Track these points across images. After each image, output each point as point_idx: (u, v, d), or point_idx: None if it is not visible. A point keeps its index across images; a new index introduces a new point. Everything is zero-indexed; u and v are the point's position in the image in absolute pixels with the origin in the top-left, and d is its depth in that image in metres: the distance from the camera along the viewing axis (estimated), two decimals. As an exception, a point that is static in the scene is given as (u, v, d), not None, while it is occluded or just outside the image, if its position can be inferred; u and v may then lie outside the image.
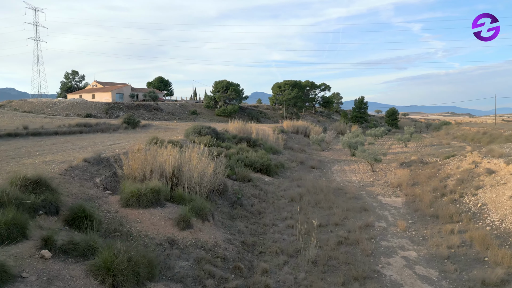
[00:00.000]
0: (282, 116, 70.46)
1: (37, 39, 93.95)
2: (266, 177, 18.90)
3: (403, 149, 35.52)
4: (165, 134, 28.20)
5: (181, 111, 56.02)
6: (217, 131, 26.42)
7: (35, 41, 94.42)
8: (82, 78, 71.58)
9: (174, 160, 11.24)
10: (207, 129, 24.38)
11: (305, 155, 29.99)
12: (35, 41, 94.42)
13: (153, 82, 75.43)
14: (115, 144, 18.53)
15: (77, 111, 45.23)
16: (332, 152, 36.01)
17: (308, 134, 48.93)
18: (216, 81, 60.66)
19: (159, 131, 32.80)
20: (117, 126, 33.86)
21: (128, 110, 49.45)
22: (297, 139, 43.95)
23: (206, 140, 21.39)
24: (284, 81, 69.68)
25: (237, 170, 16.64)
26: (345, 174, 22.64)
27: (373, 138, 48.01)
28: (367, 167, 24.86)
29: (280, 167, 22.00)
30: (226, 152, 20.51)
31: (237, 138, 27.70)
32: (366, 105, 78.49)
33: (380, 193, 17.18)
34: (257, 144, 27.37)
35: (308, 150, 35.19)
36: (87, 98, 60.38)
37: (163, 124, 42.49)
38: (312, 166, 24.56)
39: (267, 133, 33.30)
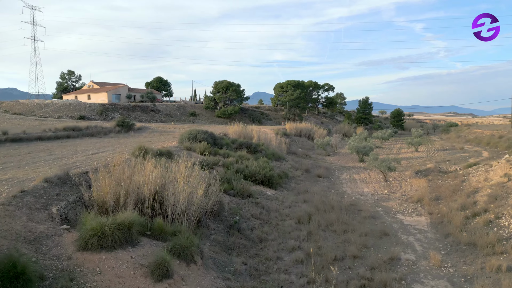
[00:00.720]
0: (285, 117, 68.33)
1: (35, 39, 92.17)
2: (268, 190, 16.77)
3: (414, 154, 33.33)
4: (159, 139, 26.14)
5: (179, 113, 53.94)
6: (215, 136, 24.32)
7: (33, 40, 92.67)
8: (79, 78, 69.58)
9: (155, 180, 9.13)
10: (203, 134, 22.27)
11: (310, 162, 27.84)
12: (33, 40, 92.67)
13: (152, 82, 73.35)
14: (98, 153, 16.45)
15: (70, 113, 43.21)
16: (338, 157, 33.84)
17: (312, 137, 46.80)
18: (216, 81, 58.59)
19: (153, 135, 30.75)
20: (109, 129, 31.80)
21: (124, 111, 47.42)
22: (300, 142, 41.82)
23: (202, 148, 19.29)
24: (287, 81, 67.48)
25: (235, 184, 14.52)
26: (355, 185, 20.48)
27: (380, 141, 45.83)
28: (379, 175, 22.71)
29: (284, 177, 19.87)
30: (224, 161, 18.41)
31: (237, 143, 25.59)
32: (370, 106, 76.23)
33: (399, 210, 15.02)
34: (258, 150, 25.26)
35: (312, 155, 33.03)
36: (83, 99, 58.39)
37: (159, 127, 40.43)
38: (318, 175, 22.41)
39: (269, 136, 31.18)
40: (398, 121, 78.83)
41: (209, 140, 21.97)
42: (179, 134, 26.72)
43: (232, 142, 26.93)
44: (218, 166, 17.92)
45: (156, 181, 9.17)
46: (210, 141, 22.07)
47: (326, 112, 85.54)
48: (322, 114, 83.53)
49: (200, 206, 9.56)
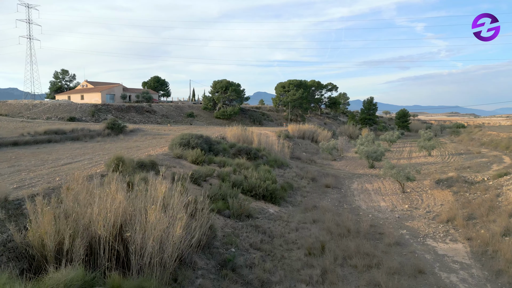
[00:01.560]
0: (286, 118, 65.87)
1: (30, 37, 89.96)
2: (271, 207, 14.30)
3: (427, 159, 30.82)
4: (150, 143, 23.71)
5: (176, 114, 51.48)
6: (211, 140, 21.87)
7: (28, 39, 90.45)
8: (73, 77, 67.11)
9: (118, 212, 6.67)
10: (197, 139, 19.81)
11: (316, 168, 25.36)
12: (28, 39, 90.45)
13: (149, 81, 70.86)
14: (72, 163, 14.01)
15: (59, 114, 40.79)
16: (346, 161, 31.36)
17: (315, 139, 44.36)
18: (215, 81, 56.07)
19: (145, 138, 28.31)
20: (97, 132, 29.39)
21: (118, 112, 45.00)
22: (304, 145, 39.36)
23: (194, 155, 16.84)
24: (289, 81, 64.97)
25: (231, 202, 12.05)
26: (369, 197, 18.00)
27: (388, 143, 43.33)
28: (394, 185, 20.26)
29: (288, 188, 17.40)
30: (219, 171, 15.94)
31: (235, 148, 23.13)
32: (375, 106, 73.68)
33: (428, 233, 12.53)
34: (259, 155, 22.80)
35: (318, 160, 30.56)
36: (76, 99, 56.00)
37: (154, 129, 38.01)
38: (326, 185, 19.92)
39: (271, 140, 28.73)
40: (403, 122, 76.27)
41: (203, 146, 19.52)
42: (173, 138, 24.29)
43: (230, 147, 24.50)
44: (212, 178, 15.48)
45: (119, 213, 6.71)
46: (204, 147, 19.62)
47: (329, 112, 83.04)
48: (325, 114, 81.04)
49: (181, 244, 7.10)
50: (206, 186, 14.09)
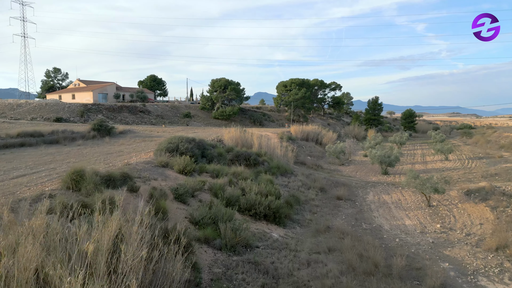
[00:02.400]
0: (288, 118, 63.10)
1: (25, 35, 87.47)
2: (274, 230, 11.52)
3: (444, 164, 28.00)
4: (136, 148, 20.96)
5: (172, 114, 48.72)
6: (204, 145, 19.09)
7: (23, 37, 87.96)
8: (65, 76, 64.30)
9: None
10: (188, 143, 17.03)
11: (323, 175, 22.58)
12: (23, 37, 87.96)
13: (145, 80, 68.07)
14: (27, 175, 11.24)
15: (45, 114, 38.06)
16: (355, 166, 28.56)
17: (320, 141, 41.58)
18: (213, 79, 53.22)
19: (134, 141, 25.56)
20: (82, 134, 26.64)
21: (109, 112, 42.26)
22: (308, 148, 36.59)
23: (182, 163, 14.05)
24: (290, 80, 62.12)
25: (223, 228, 9.28)
26: (390, 213, 15.21)
27: (397, 145, 40.53)
28: (415, 196, 17.49)
29: (295, 203, 14.61)
30: (212, 183, 13.17)
31: (232, 153, 20.37)
32: (380, 106, 70.84)
33: (478, 267, 9.74)
34: (259, 162, 20.03)
35: (324, 165, 27.77)
36: (67, 99, 53.29)
37: (146, 130, 35.27)
38: (338, 197, 17.13)
39: (273, 143, 25.94)
40: (409, 122, 73.42)
41: (194, 152, 16.74)
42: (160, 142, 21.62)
43: (227, 151, 21.75)
44: (203, 192, 12.72)
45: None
46: (196, 153, 16.85)
47: (332, 113, 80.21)
48: (328, 115, 78.25)
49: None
50: (193, 204, 11.34)
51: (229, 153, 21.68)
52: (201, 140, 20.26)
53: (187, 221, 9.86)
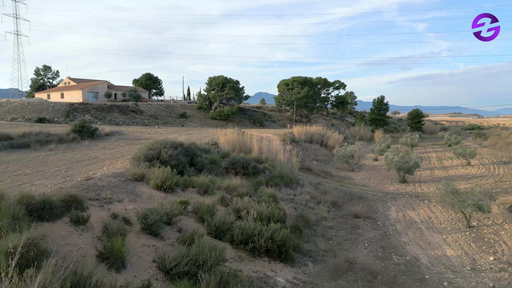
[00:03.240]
0: (290, 119, 60.08)
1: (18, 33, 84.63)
2: (279, 271, 8.48)
3: (467, 169, 24.93)
4: (116, 153, 17.94)
5: (166, 114, 45.68)
6: (194, 150, 16.04)
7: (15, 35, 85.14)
8: (56, 74, 61.29)
9: None
10: (173, 149, 13.99)
11: (333, 185, 19.57)
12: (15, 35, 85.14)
13: (140, 79, 65.00)
14: None
15: (27, 114, 35.06)
16: (366, 172, 25.52)
17: (325, 143, 38.56)
18: (211, 77, 50.13)
19: (118, 144, 22.56)
20: (60, 136, 23.62)
21: (98, 112, 39.25)
22: (313, 151, 33.57)
23: (161, 177, 11.00)
24: (292, 78, 59.03)
25: (206, 281, 6.25)
26: (423, 237, 12.17)
27: (409, 148, 37.48)
28: (448, 213, 14.48)
29: (304, 226, 11.54)
30: (198, 204, 10.14)
31: (228, 159, 17.37)
32: (386, 106, 67.76)
33: None
34: (259, 170, 16.99)
35: (332, 171, 24.73)
36: (56, 98, 50.31)
37: (137, 131, 32.28)
38: (355, 214, 14.09)
39: (274, 146, 22.90)
40: (416, 123, 70.32)
41: (180, 160, 13.70)
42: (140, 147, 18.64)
43: (222, 157, 18.80)
44: (185, 216, 9.71)
45: None
46: (182, 161, 13.81)
47: (335, 112, 77.16)
48: (331, 115, 75.20)
49: None
50: (169, 236, 8.32)
51: (225, 159, 18.72)
52: (191, 145, 17.27)
53: (155, 268, 6.84)
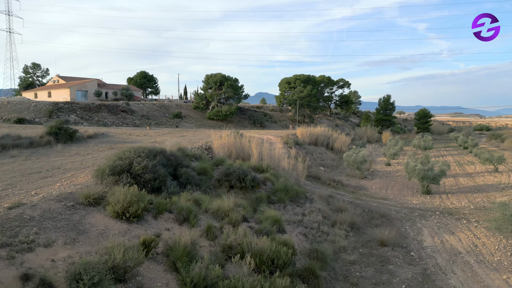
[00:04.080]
0: (292, 119, 57.08)
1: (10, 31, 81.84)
2: None
3: (497, 177, 21.89)
4: (87, 162, 14.93)
5: (160, 114, 42.70)
6: (179, 159, 12.97)
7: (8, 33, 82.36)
8: (46, 72, 58.37)
9: None
10: (149, 158, 10.93)
11: (348, 198, 16.55)
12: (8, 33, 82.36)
13: (135, 77, 61.99)
14: None
15: (5, 115, 32.11)
16: (381, 180, 22.51)
17: (331, 146, 35.56)
18: (208, 75, 47.15)
19: (98, 149, 19.60)
20: (32, 140, 20.66)
21: (84, 112, 36.28)
22: (319, 155, 30.57)
23: (122, 200, 7.99)
24: (295, 76, 56.00)
25: None
26: (477, 278, 9.14)
27: (422, 151, 34.47)
28: (495, 238, 11.45)
29: (321, 267, 8.47)
30: (171, 240, 7.13)
31: (222, 169, 14.34)
32: (393, 106, 64.75)
33: None
34: (259, 182, 13.95)
35: (343, 179, 21.71)
36: (43, 97, 47.36)
37: (125, 133, 29.31)
38: (382, 242, 11.06)
39: (277, 151, 19.86)
40: (424, 123, 67.35)
41: (158, 172, 10.65)
42: (108, 157, 15.65)
43: (215, 165, 15.89)
44: (151, 262, 6.71)
45: None
46: (161, 174, 10.76)
47: (339, 112, 74.12)
48: (335, 115, 72.18)
49: None
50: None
51: (219, 167, 15.77)
52: (177, 151, 14.32)
53: None
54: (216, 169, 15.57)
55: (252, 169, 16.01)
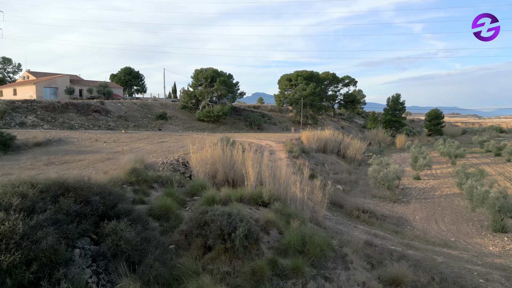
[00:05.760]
0: (293, 120, 51.38)
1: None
2: None
3: None
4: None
5: (141, 115, 36.83)
6: (115, 196, 7.19)
7: (-14, 26, 76.25)
8: (18, 68, 52.47)
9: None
10: (27, 212, 5.16)
11: (393, 246, 10.79)
12: (-14, 26, 76.25)
13: (118, 74, 56.12)
14: None
15: None
16: (419, 204, 16.81)
17: (343, 153, 29.89)
18: (197, 70, 41.33)
19: (22, 165, 13.82)
20: None
21: (47, 112, 30.37)
22: (330, 165, 24.83)
23: None
24: (296, 72, 50.30)
25: None
26: None
27: (451, 159, 28.88)
28: None
29: None
30: None
31: (194, 215, 8.55)
32: (403, 106, 59.25)
33: None
34: (255, 235, 8.11)
35: (372, 204, 15.99)
36: (8, 95, 41.41)
37: (91, 138, 23.50)
38: None
39: (283, 172, 13.93)
40: (435, 125, 61.95)
41: (39, 245, 4.91)
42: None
43: (188, 195, 10.26)
44: None
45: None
46: (50, 244, 5.00)
47: (343, 113, 68.50)
48: (338, 115, 66.57)
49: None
50: None
51: (194, 198, 10.16)
52: (130, 173, 8.66)
53: None
54: (189, 203, 9.88)
55: (247, 200, 10.38)
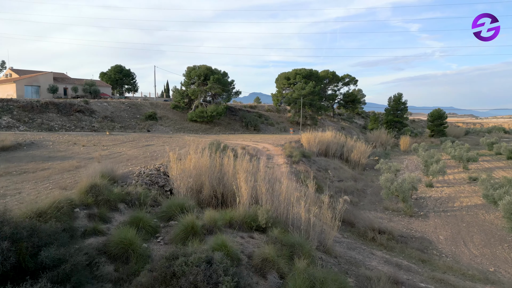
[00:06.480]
0: (291, 120, 49.07)
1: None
2: None
3: None
4: None
5: (129, 115, 34.36)
6: (39, 235, 4.85)
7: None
8: (2, 66, 49.79)
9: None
10: None
11: (424, 284, 8.47)
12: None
13: (108, 72, 53.59)
14: None
15: None
16: (439, 219, 14.53)
17: (346, 157, 27.62)
18: (190, 67, 38.91)
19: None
20: None
21: (24, 113, 27.86)
22: (333, 170, 22.50)
23: None
24: (294, 70, 47.98)
25: None
26: None
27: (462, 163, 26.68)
28: None
29: None
30: None
31: (160, 264, 6.18)
32: (405, 106, 57.13)
33: None
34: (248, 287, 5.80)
35: (385, 220, 13.70)
36: (-12, 94, 38.75)
37: (69, 141, 21.06)
38: None
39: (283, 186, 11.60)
40: (438, 125, 59.85)
41: None
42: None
43: (163, 219, 7.80)
44: None
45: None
46: None
47: (342, 113, 66.28)
48: (338, 115, 64.35)
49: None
50: None
51: (170, 224, 7.85)
52: (86, 192, 6.28)
53: None
54: (163, 230, 7.56)
55: (238, 225, 8.27)
